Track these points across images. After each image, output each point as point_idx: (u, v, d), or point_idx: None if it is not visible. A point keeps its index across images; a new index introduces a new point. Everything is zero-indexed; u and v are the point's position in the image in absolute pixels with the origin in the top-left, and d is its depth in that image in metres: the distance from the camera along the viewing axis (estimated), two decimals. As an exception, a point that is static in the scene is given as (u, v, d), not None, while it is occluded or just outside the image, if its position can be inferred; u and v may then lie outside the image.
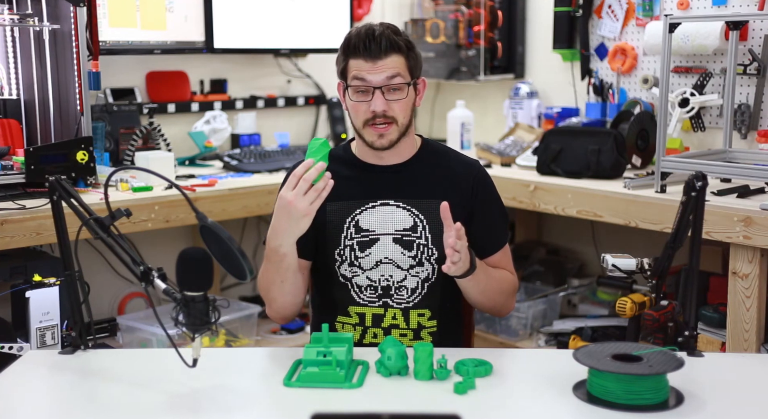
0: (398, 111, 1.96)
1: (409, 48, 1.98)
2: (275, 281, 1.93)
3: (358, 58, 1.94)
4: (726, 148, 2.95)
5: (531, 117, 3.75)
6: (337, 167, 2.05)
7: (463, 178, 2.05)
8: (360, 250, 2.00)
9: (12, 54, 2.90)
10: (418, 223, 2.00)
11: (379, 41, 1.92)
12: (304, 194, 1.76)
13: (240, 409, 1.51)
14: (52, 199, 1.72)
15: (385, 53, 1.93)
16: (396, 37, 1.94)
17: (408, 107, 1.98)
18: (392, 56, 1.94)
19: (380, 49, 1.92)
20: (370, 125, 1.96)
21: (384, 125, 1.95)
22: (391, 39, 1.93)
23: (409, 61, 1.97)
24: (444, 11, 3.98)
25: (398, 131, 1.98)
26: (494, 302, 2.03)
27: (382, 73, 1.93)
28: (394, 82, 1.94)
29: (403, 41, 1.96)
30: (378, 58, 1.92)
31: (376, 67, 1.93)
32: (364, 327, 2.01)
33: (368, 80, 1.93)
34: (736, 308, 2.49)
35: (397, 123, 1.97)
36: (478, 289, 1.95)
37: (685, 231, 1.80)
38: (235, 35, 3.55)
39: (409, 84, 1.96)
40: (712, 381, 1.62)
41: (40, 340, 2.32)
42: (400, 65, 1.95)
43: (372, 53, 1.92)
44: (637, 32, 3.45)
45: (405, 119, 1.98)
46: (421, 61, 2.03)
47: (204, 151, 3.46)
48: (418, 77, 2.02)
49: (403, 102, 1.96)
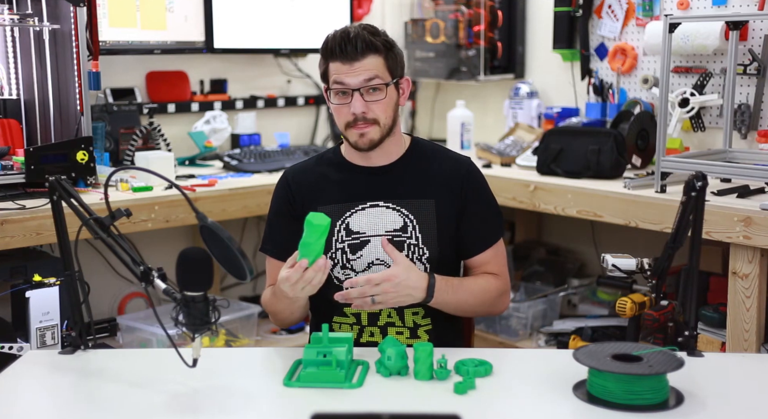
0: (379, 112, 1.95)
1: (388, 48, 1.96)
2: (284, 312, 1.98)
3: (335, 61, 1.94)
4: (726, 148, 2.95)
5: (531, 117, 3.75)
6: (326, 170, 2.06)
7: (452, 176, 2.04)
8: (351, 252, 2.00)
9: (12, 54, 2.90)
10: (408, 223, 2.00)
11: (355, 43, 1.91)
12: (302, 290, 1.76)
13: (240, 409, 1.51)
14: (52, 199, 1.72)
15: (362, 54, 1.92)
16: (372, 37, 1.93)
17: (389, 107, 1.97)
18: (369, 57, 1.93)
19: (356, 51, 1.91)
20: (352, 127, 1.96)
21: (365, 125, 1.95)
22: (366, 40, 1.92)
23: (388, 61, 1.96)
24: (444, 11, 3.98)
25: (380, 131, 1.97)
26: (476, 312, 2.06)
27: (359, 76, 1.92)
28: (372, 84, 1.93)
29: (381, 41, 1.95)
30: (354, 59, 1.92)
31: (353, 69, 1.92)
32: (361, 326, 2.01)
33: (346, 83, 1.93)
34: (736, 308, 2.49)
35: (379, 124, 1.96)
36: (450, 308, 1.97)
37: (685, 231, 1.80)
38: (235, 35, 3.55)
39: (388, 84, 1.95)
40: (712, 381, 1.62)
41: (40, 340, 2.32)
42: (377, 66, 1.94)
43: (348, 55, 1.92)
44: (637, 32, 3.45)
45: (387, 120, 1.97)
46: (402, 61, 2.02)
47: (204, 151, 3.46)
48: (401, 76, 2.01)
49: (382, 103, 1.95)
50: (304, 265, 1.72)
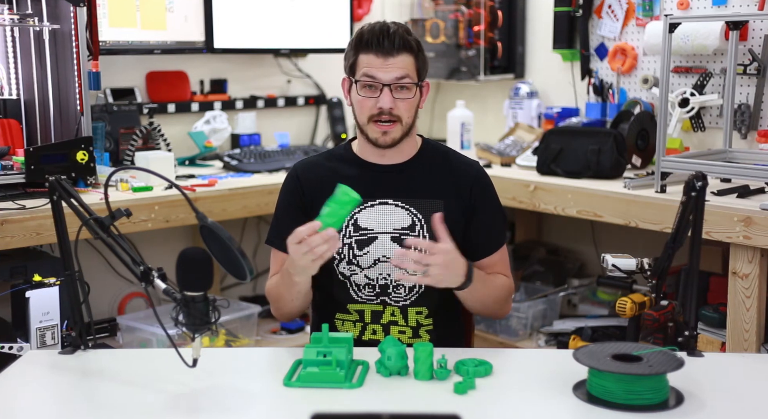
0: (404, 110, 1.96)
1: (419, 49, 1.98)
2: (286, 298, 1.96)
3: (369, 54, 1.94)
4: (726, 148, 2.95)
5: (531, 117, 3.75)
6: (336, 166, 2.06)
7: (463, 178, 2.06)
8: (358, 248, 2.00)
9: (12, 54, 2.90)
10: (416, 222, 2.00)
11: (393, 39, 1.92)
12: (304, 254, 1.74)
13: (240, 409, 1.51)
14: (52, 199, 1.72)
15: (398, 51, 1.93)
16: (408, 36, 1.95)
17: (413, 107, 1.99)
18: (403, 55, 1.94)
19: (393, 47, 1.92)
20: (374, 122, 1.97)
21: (389, 122, 1.96)
22: (404, 38, 1.94)
23: (418, 63, 1.98)
24: (444, 11, 3.98)
25: (402, 130, 1.98)
26: (490, 310, 2.05)
27: (392, 72, 1.93)
28: (403, 82, 1.94)
29: (414, 42, 1.97)
30: (390, 55, 1.93)
31: (387, 64, 1.93)
32: (364, 324, 2.02)
33: (378, 77, 1.94)
34: (736, 308, 2.49)
35: (402, 122, 1.97)
36: (474, 299, 1.96)
37: (685, 231, 1.80)
38: (235, 35, 3.55)
39: (417, 84, 1.97)
40: (712, 381, 1.62)
41: (40, 340, 2.32)
42: (409, 65, 1.95)
43: (385, 50, 1.93)
44: (637, 32, 3.45)
45: (409, 119, 1.99)
46: (427, 65, 2.04)
47: (204, 151, 3.46)
48: (424, 79, 2.02)
49: (409, 102, 1.97)
50: (317, 227, 1.71)
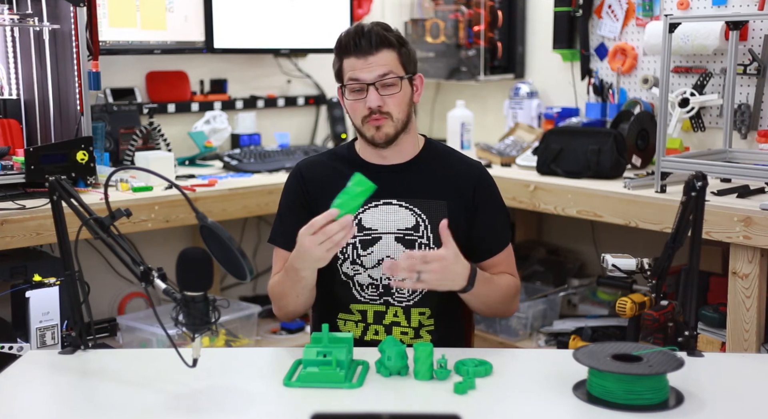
0: (393, 106, 1.96)
1: (401, 43, 1.98)
2: (290, 295, 1.96)
3: (350, 57, 1.95)
4: (726, 148, 2.95)
5: (531, 117, 3.75)
6: (339, 166, 2.06)
7: (466, 179, 2.06)
8: (362, 248, 2.01)
9: (12, 54, 2.90)
10: (420, 223, 2.00)
11: (369, 37, 1.93)
12: (320, 244, 1.74)
13: (240, 409, 1.51)
14: (52, 199, 1.72)
15: (376, 49, 1.94)
16: (386, 32, 1.96)
17: (403, 102, 1.98)
18: (383, 52, 1.94)
19: (371, 45, 1.93)
20: (367, 121, 1.97)
21: (379, 117, 1.96)
22: (380, 35, 1.94)
23: (402, 57, 1.98)
24: (444, 11, 3.98)
25: (394, 126, 1.98)
26: (496, 311, 2.04)
27: (375, 70, 1.94)
28: (386, 78, 1.94)
29: (394, 37, 1.97)
30: (369, 54, 1.93)
31: (368, 63, 1.94)
32: (366, 324, 2.02)
33: (362, 78, 1.94)
34: (736, 308, 2.49)
35: (392, 118, 1.97)
36: (478, 301, 1.96)
37: (685, 231, 1.80)
38: (235, 35, 3.55)
39: (402, 78, 1.97)
40: (712, 381, 1.62)
41: (40, 340, 2.32)
42: (392, 61, 1.96)
43: (363, 50, 1.93)
44: (637, 32, 3.45)
45: (401, 114, 1.98)
46: (415, 58, 2.03)
47: (204, 151, 3.46)
48: (414, 73, 2.02)
49: (397, 97, 1.96)
50: (334, 214, 1.71)
